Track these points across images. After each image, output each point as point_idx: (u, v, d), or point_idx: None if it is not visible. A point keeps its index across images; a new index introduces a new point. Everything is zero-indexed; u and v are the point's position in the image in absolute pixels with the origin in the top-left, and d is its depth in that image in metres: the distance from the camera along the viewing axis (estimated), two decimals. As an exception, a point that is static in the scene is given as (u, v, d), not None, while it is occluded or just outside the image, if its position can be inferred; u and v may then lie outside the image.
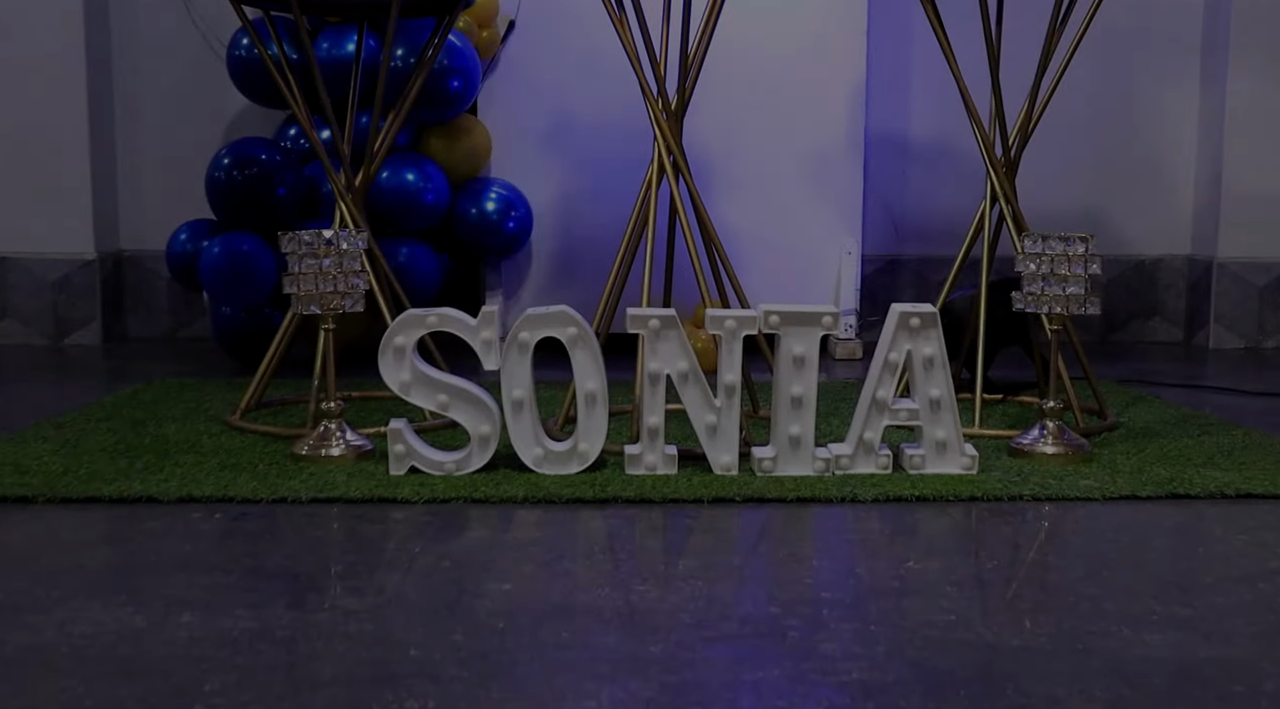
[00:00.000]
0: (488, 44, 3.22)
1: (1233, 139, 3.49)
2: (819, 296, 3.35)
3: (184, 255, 3.00)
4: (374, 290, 2.21)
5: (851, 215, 3.33)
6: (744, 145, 3.31)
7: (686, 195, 2.14)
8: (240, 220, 2.94)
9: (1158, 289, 3.70)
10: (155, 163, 3.60)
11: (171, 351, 3.36)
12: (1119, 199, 3.67)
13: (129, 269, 3.62)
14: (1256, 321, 3.53)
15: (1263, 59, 3.46)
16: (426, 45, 2.34)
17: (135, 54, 3.57)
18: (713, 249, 2.15)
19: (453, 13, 2.30)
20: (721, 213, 3.32)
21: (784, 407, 1.83)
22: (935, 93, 3.58)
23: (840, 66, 3.29)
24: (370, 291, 2.17)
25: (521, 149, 3.31)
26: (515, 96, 3.30)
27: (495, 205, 3.18)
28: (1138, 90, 3.62)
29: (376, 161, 2.29)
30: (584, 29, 3.22)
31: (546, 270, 3.36)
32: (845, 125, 3.31)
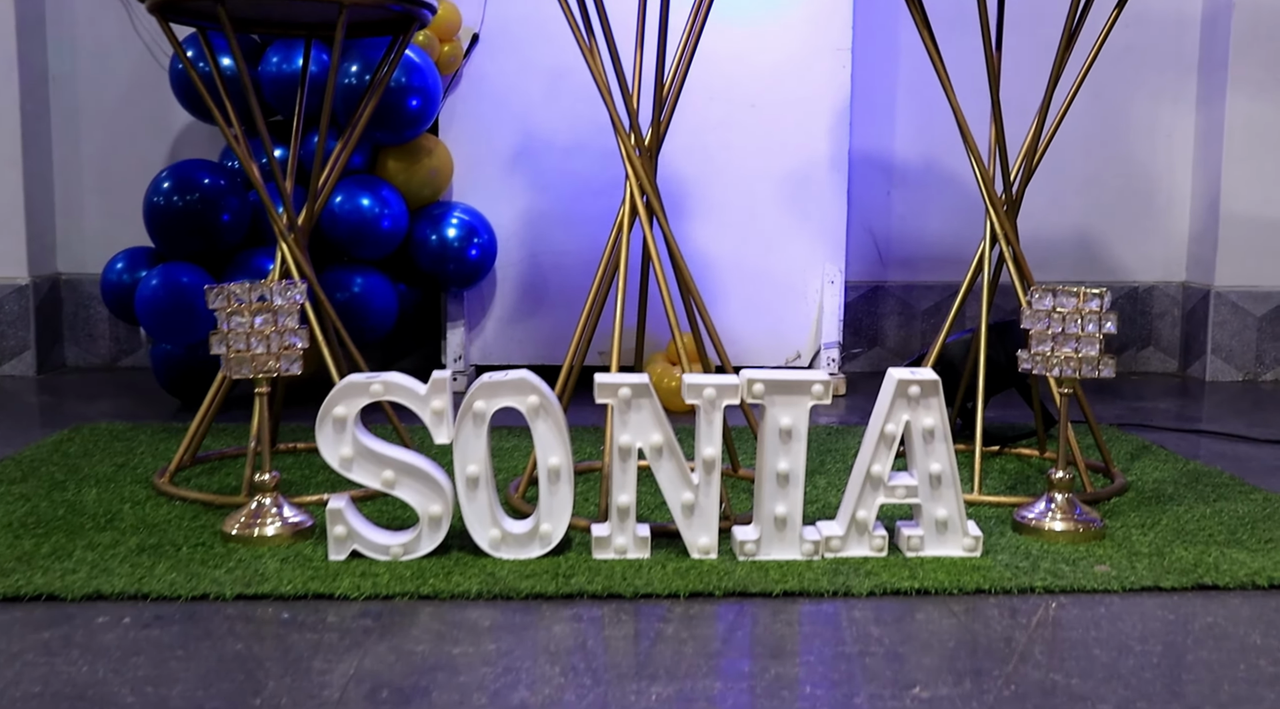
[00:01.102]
0: (449, 59, 3.02)
1: (1231, 162, 3.34)
2: (799, 328, 3.17)
3: (120, 286, 2.79)
4: (318, 342, 2.01)
5: (834, 241, 3.15)
6: (722, 167, 3.13)
7: (661, 239, 1.95)
8: (181, 250, 2.74)
9: (1152, 317, 3.54)
10: (95, 181, 3.38)
11: (110, 384, 3.15)
12: (1112, 222, 3.51)
13: (66, 294, 3.40)
14: (1255, 354, 3.37)
15: (1263, 78, 3.31)
16: (379, 65, 2.14)
17: (74, 65, 3.34)
18: (689, 298, 1.96)
19: (407, 33, 2.10)
20: (699, 238, 3.14)
21: (769, 483, 1.64)
22: (921, 111, 3.41)
23: (823, 85, 3.11)
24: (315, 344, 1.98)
25: (485, 170, 3.12)
26: (479, 114, 3.10)
27: (457, 231, 2.99)
28: (1132, 109, 3.46)
29: (322, 197, 2.09)
30: (552, 42, 3.02)
31: (512, 298, 3.17)
32: (828, 146, 3.13)
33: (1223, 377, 3.38)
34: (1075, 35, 2.02)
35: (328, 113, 2.03)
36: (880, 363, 3.52)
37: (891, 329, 3.51)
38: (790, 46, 3.10)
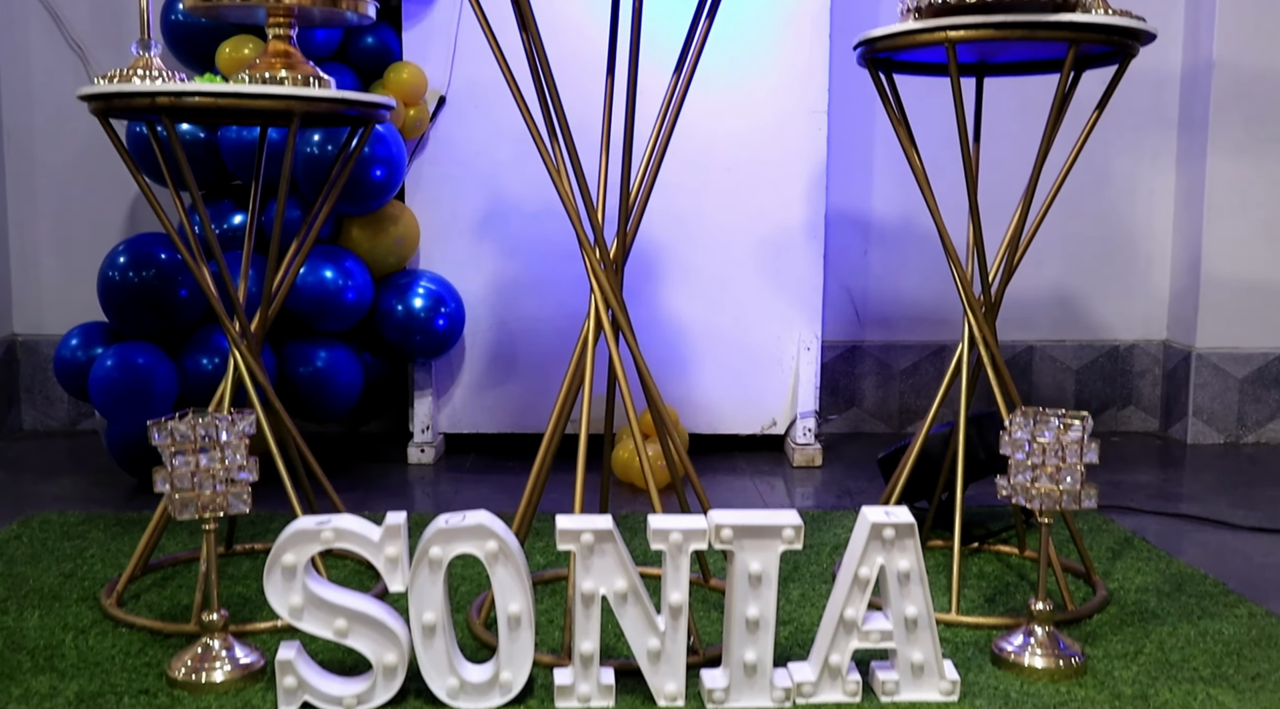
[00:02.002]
0: (415, 123, 2.94)
1: (1212, 221, 3.29)
2: (776, 394, 3.11)
3: (74, 364, 2.69)
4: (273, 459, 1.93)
5: (811, 307, 3.09)
6: (696, 232, 3.06)
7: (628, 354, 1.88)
8: (137, 327, 2.65)
9: (1132, 376, 3.49)
10: (53, 240, 3.29)
11: (67, 455, 3.06)
12: (1092, 280, 3.46)
13: (23, 356, 3.31)
14: (1236, 416, 3.33)
15: (1243, 138, 3.26)
16: (336, 159, 2.06)
17: (31, 121, 3.25)
18: (657, 411, 1.89)
19: (366, 128, 2.02)
20: (672, 304, 3.08)
21: (738, 629, 1.58)
22: (898, 169, 3.35)
23: (799, 148, 3.04)
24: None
25: (453, 236, 3.04)
26: (446, 178, 3.02)
27: (424, 301, 2.91)
28: (1112, 166, 3.41)
29: (276, 301, 2.01)
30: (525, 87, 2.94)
31: (481, 365, 3.09)
32: (804, 211, 3.06)
33: (1204, 439, 3.34)
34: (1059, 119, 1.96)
35: (280, 221, 1.94)
36: (858, 423, 3.46)
37: (869, 389, 3.45)
38: (766, 109, 3.03)
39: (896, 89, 2.03)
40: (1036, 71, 2.13)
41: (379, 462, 3.05)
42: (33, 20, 3.20)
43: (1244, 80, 3.24)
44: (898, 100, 2.02)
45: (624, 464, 2.82)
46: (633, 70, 1.73)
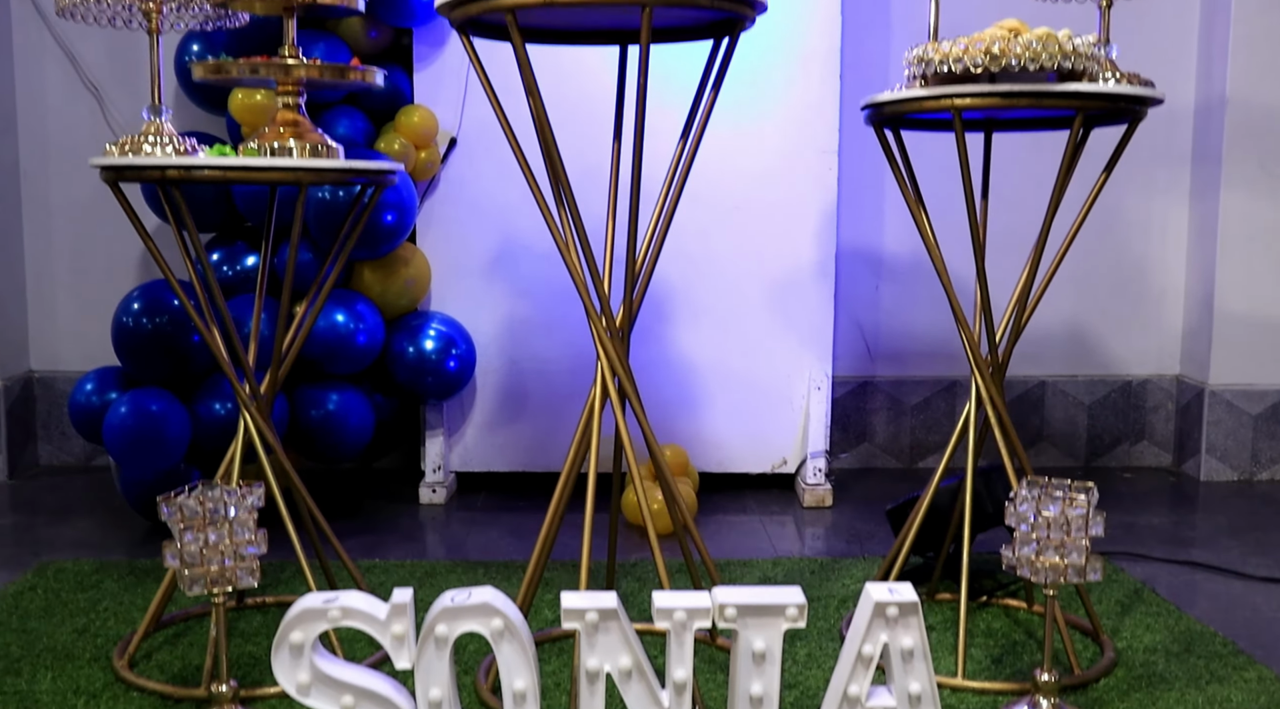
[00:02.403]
0: (426, 165, 2.96)
1: (1226, 257, 3.28)
2: (786, 433, 3.11)
3: (89, 409, 2.71)
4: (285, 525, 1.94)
5: (821, 347, 3.09)
6: (706, 271, 3.06)
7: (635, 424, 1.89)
8: (150, 373, 2.67)
9: (1145, 411, 3.48)
10: (68, 277, 3.32)
11: (82, 493, 3.09)
12: (1105, 315, 3.45)
13: (40, 392, 3.34)
14: (1250, 453, 3.32)
15: (1257, 175, 3.24)
16: (345, 218, 2.07)
17: (46, 160, 3.28)
18: (666, 482, 1.90)
19: (375, 189, 2.03)
20: (684, 343, 3.08)
21: (742, 707, 1.58)
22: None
23: (809, 188, 3.04)
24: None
25: (464, 277, 3.05)
26: (457, 219, 3.04)
27: (435, 343, 2.92)
28: (1125, 201, 3.40)
29: (286, 362, 2.03)
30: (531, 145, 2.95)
31: (492, 405, 3.10)
32: (814, 250, 3.06)
33: (1217, 477, 3.32)
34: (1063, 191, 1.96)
35: (291, 271, 1.96)
36: (870, 459, 3.46)
37: (880, 425, 3.45)
38: (776, 149, 3.03)
39: (904, 147, 2.03)
40: (1045, 128, 2.13)
41: (391, 500, 3.07)
42: (49, 62, 3.22)
43: (1257, 116, 3.22)
44: (905, 160, 2.03)
45: (634, 506, 2.83)
46: (637, 145, 1.74)
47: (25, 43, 3.24)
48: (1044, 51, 1.72)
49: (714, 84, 1.80)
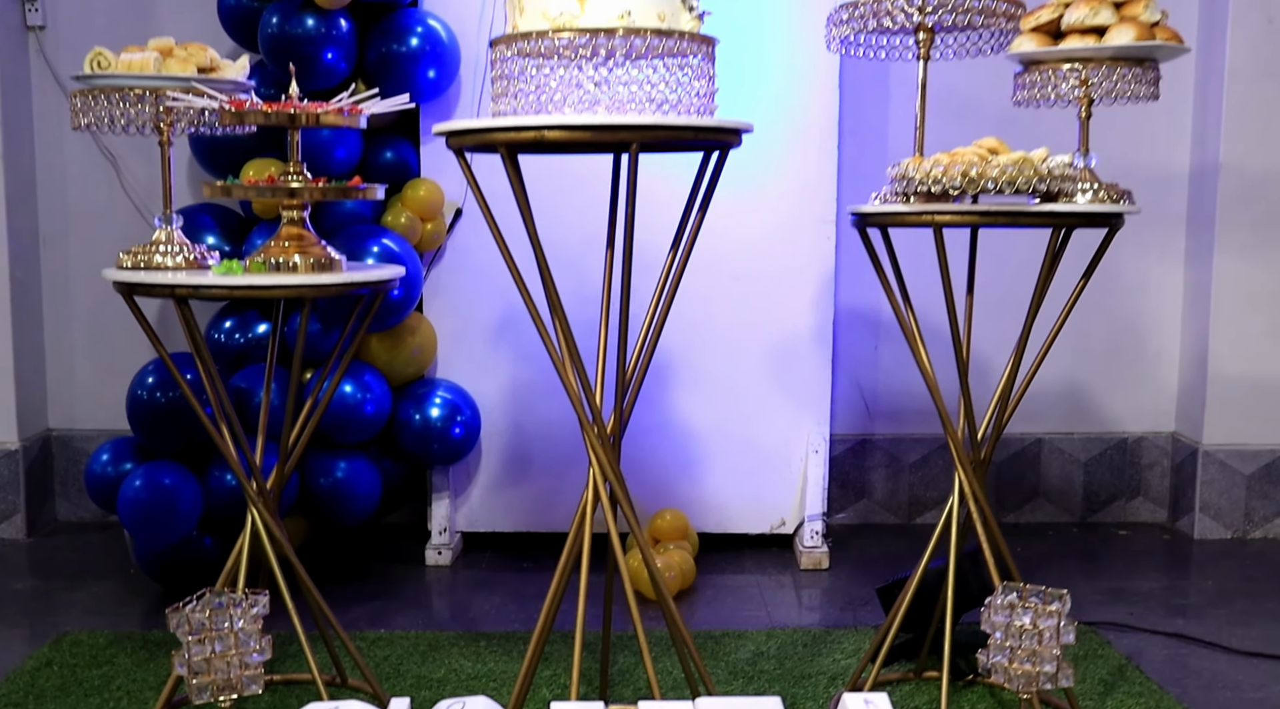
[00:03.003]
0: (432, 236, 3.03)
1: (1219, 320, 3.32)
2: (784, 495, 3.17)
3: (105, 479, 2.79)
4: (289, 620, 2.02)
5: (819, 412, 3.15)
6: (705, 337, 3.13)
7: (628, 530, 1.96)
8: (164, 445, 2.76)
9: (1141, 468, 3.53)
10: (86, 339, 3.41)
11: (98, 553, 3.18)
12: (1101, 373, 3.50)
13: (58, 449, 3.43)
14: (1243, 512, 3.36)
15: (1249, 239, 3.29)
16: (345, 325, 2.15)
17: (65, 227, 3.37)
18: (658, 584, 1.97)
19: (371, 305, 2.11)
20: (684, 407, 3.15)
21: (725, 814, 1.65)
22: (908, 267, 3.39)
23: (807, 257, 3.11)
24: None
25: (469, 343, 3.13)
26: (462, 287, 3.11)
27: (440, 411, 3.00)
28: (1121, 261, 3.44)
29: (291, 460, 2.10)
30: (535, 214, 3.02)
31: (497, 467, 3.18)
32: (812, 317, 3.13)
33: (1211, 535, 3.37)
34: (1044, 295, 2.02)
35: (293, 397, 2.04)
36: (868, 515, 3.52)
37: (879, 482, 3.51)
38: (775, 219, 3.10)
39: (893, 248, 2.09)
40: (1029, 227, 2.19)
41: (398, 561, 3.14)
42: (67, 131, 3.31)
43: (1250, 182, 3.27)
44: (893, 259, 2.09)
45: (634, 571, 2.89)
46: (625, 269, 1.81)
47: (44, 114, 3.33)
48: (1019, 175, 1.78)
49: (702, 202, 1.87)
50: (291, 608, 2.01)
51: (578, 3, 1.71)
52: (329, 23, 2.83)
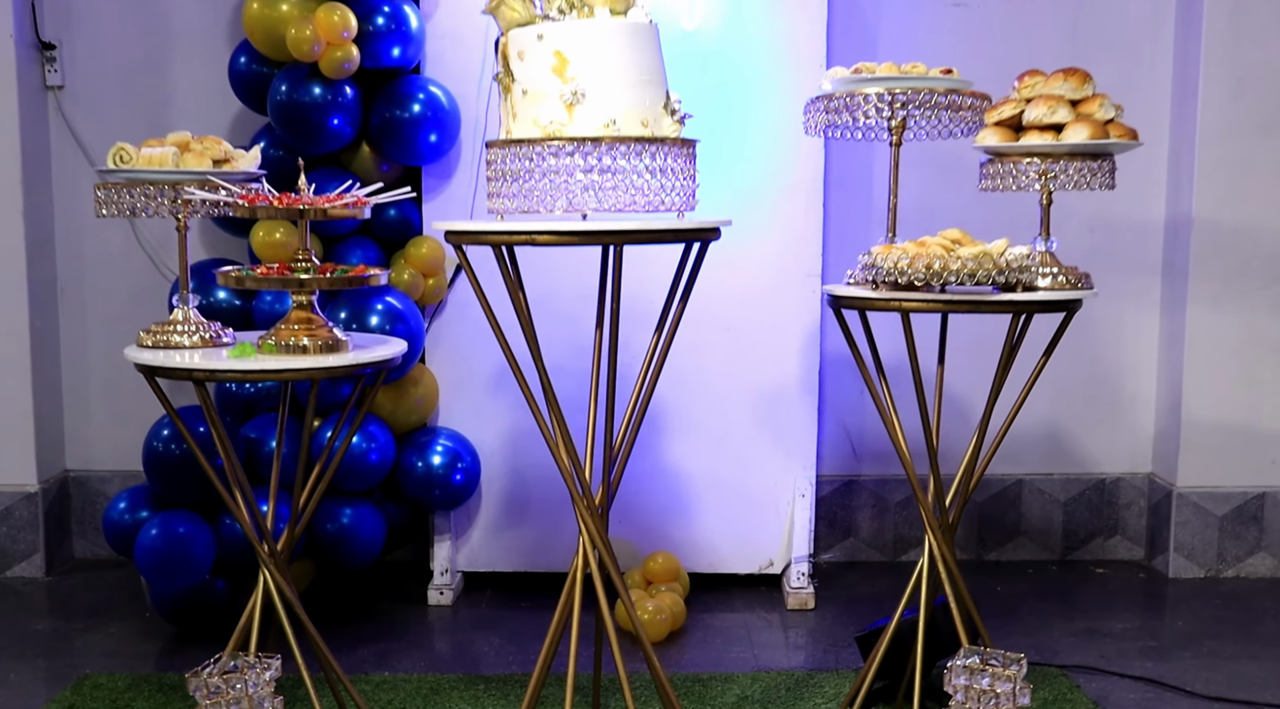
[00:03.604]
0: (434, 290, 3.17)
1: (1192, 367, 3.45)
2: (772, 537, 3.31)
3: (122, 526, 2.93)
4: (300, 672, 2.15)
5: (805, 456, 3.28)
6: (695, 386, 3.26)
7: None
8: (178, 495, 2.89)
9: (1118, 508, 3.65)
10: (102, 384, 3.55)
11: (115, 590, 3.31)
12: (1080, 416, 3.63)
13: (74, 490, 3.57)
14: (1216, 552, 3.49)
15: (1221, 291, 3.42)
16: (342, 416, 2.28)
17: (82, 276, 3.51)
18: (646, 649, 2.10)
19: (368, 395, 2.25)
20: (676, 453, 3.28)
21: None
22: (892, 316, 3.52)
23: (795, 309, 3.24)
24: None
25: (470, 392, 3.26)
26: (463, 339, 3.25)
27: (442, 458, 3.13)
28: (1099, 309, 3.56)
29: (302, 522, 2.24)
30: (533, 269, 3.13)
31: (497, 509, 3.31)
32: (799, 367, 3.26)
33: (1185, 573, 3.50)
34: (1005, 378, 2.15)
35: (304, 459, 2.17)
36: (855, 553, 3.65)
37: (865, 521, 3.64)
38: (764, 272, 3.22)
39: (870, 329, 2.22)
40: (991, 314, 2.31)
41: (401, 601, 3.28)
42: (84, 186, 3.45)
43: (1222, 235, 3.40)
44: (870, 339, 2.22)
45: (624, 619, 3.02)
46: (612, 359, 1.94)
47: (62, 169, 3.47)
48: (979, 268, 1.91)
49: (683, 292, 2.00)
50: (299, 657, 2.14)
51: (566, 111, 1.84)
52: (335, 90, 2.96)
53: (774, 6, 3.18)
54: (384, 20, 2.99)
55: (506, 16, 1.93)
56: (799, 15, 3.18)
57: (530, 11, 1.93)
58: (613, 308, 1.92)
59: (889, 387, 2.26)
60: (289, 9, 2.93)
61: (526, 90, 1.87)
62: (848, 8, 3.45)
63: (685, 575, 3.25)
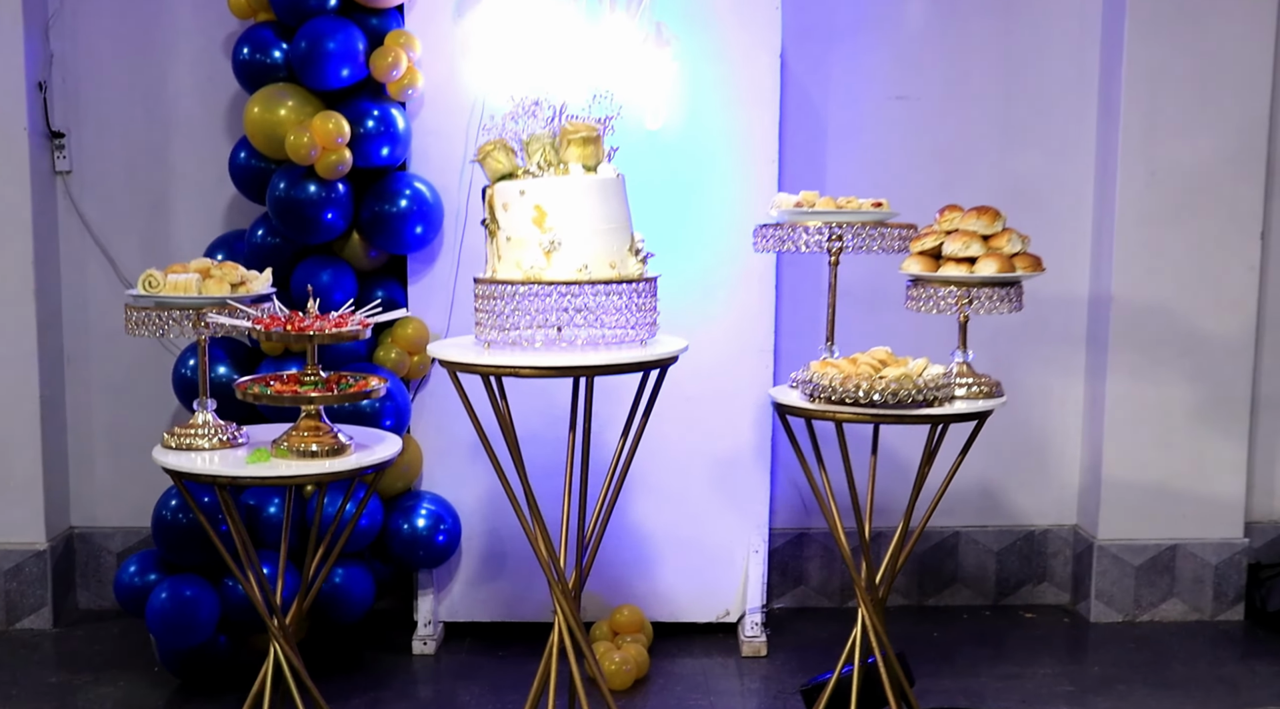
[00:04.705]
0: (419, 366, 3.45)
1: (1112, 431, 3.78)
2: (728, 589, 3.61)
3: (132, 588, 3.19)
4: None
5: (758, 517, 3.59)
6: (657, 451, 3.52)
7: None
8: (186, 560, 3.16)
9: (1046, 557, 3.98)
10: (106, 446, 3.80)
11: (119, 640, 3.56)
12: (1011, 473, 3.95)
13: (79, 545, 3.82)
14: (1133, 598, 3.82)
15: (1138, 361, 3.75)
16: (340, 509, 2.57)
17: (88, 347, 3.76)
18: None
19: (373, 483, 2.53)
20: (641, 513, 3.58)
21: None
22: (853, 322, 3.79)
23: (749, 381, 3.53)
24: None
25: (451, 458, 3.54)
26: (445, 409, 3.52)
27: (426, 521, 3.41)
28: (1028, 375, 3.88)
29: (310, 596, 2.52)
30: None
31: (476, 565, 3.60)
32: (754, 435, 3.56)
33: (1104, 618, 3.83)
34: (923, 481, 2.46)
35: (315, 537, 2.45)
36: (805, 600, 3.96)
37: (815, 571, 3.95)
38: (722, 348, 3.51)
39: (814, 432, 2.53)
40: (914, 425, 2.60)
41: (388, 651, 3.55)
42: (91, 262, 3.71)
43: (1138, 311, 3.73)
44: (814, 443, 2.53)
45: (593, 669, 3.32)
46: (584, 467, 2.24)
47: (69, 249, 3.73)
48: (901, 389, 2.22)
49: (644, 412, 2.29)
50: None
51: (545, 257, 2.13)
52: (329, 188, 3.24)
53: (731, 104, 3.48)
54: (374, 123, 3.27)
55: (492, 167, 2.22)
56: (754, 112, 3.48)
57: (513, 162, 2.22)
58: (584, 428, 2.22)
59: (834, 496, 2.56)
60: (287, 114, 3.21)
61: (510, 237, 2.16)
62: (799, 103, 3.75)
63: (649, 625, 3.54)
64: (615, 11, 3.34)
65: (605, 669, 3.24)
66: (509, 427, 2.30)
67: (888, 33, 3.79)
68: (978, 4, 3.79)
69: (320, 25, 3.20)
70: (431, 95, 3.42)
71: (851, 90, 3.80)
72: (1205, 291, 3.74)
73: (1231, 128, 3.69)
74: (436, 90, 3.42)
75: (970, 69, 3.81)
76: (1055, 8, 3.80)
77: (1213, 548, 3.82)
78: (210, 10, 3.63)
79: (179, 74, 3.70)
